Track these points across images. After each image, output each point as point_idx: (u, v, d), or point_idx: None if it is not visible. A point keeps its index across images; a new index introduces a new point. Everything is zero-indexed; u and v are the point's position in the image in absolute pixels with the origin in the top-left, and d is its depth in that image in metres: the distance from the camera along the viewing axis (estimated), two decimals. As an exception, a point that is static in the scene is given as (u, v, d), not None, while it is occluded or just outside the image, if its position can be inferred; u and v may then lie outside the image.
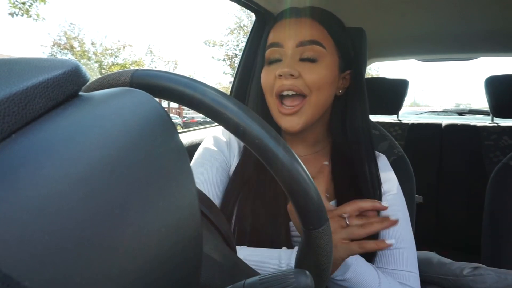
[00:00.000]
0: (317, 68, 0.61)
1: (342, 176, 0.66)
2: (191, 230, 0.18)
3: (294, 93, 0.60)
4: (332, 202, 0.65)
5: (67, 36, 15.69)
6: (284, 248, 0.57)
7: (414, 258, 0.63)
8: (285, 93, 0.60)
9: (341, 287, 0.55)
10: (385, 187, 0.67)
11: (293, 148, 0.70)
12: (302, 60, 0.61)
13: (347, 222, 0.53)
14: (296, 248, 0.55)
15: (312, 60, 0.61)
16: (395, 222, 0.52)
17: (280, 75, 0.59)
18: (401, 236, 0.63)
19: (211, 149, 0.69)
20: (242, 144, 0.70)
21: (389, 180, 0.69)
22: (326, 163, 0.68)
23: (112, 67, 15.96)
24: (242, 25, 16.33)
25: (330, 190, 0.66)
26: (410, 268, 0.62)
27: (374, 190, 0.66)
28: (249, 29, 1.33)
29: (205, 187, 0.63)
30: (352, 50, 0.67)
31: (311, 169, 0.68)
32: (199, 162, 0.66)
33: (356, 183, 0.65)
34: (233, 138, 0.71)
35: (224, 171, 0.67)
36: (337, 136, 0.69)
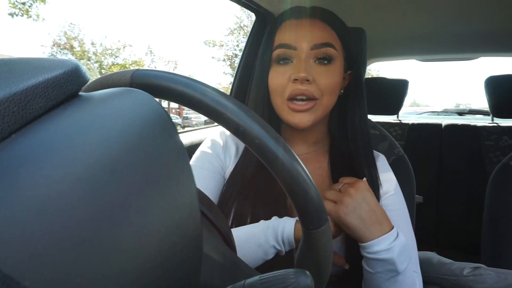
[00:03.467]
0: (330, 71, 0.61)
1: (341, 174, 0.67)
2: (191, 230, 0.18)
3: (306, 97, 0.60)
4: None
5: (67, 36, 15.70)
6: (274, 218, 0.57)
7: (416, 258, 0.63)
8: (298, 97, 0.60)
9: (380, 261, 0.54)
10: (384, 187, 0.67)
11: (293, 146, 0.70)
12: (316, 63, 0.61)
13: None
14: (285, 218, 0.56)
15: (326, 63, 0.61)
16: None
17: (296, 79, 0.59)
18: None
19: (207, 152, 0.69)
20: (240, 145, 0.70)
21: (388, 180, 0.69)
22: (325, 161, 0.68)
23: (112, 67, 15.96)
24: (242, 25, 16.33)
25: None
26: (413, 268, 0.62)
27: (373, 189, 0.66)
28: (249, 29, 1.33)
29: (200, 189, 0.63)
30: (355, 51, 0.68)
31: (311, 167, 0.68)
32: (195, 165, 0.67)
33: None
34: (230, 140, 0.71)
35: (219, 174, 0.67)
36: (337, 135, 0.69)
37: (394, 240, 0.54)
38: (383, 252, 0.53)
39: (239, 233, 0.55)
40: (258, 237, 0.55)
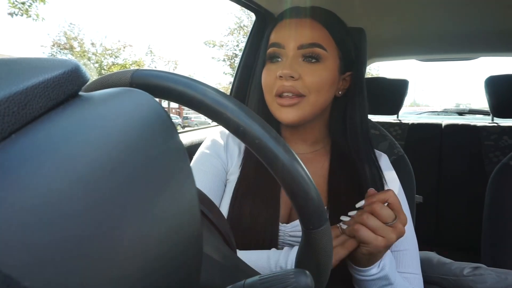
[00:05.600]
0: (317, 70, 0.61)
1: (342, 175, 0.66)
2: (191, 230, 0.18)
3: (292, 94, 0.60)
4: None
5: (67, 36, 15.70)
6: (273, 249, 0.58)
7: (417, 260, 0.63)
8: (284, 94, 0.61)
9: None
10: (387, 188, 0.67)
11: (293, 146, 0.70)
12: (304, 61, 0.61)
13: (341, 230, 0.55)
14: (285, 249, 0.56)
15: (313, 62, 0.61)
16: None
17: (281, 76, 0.59)
18: (404, 238, 0.62)
19: (208, 153, 0.68)
20: (243, 145, 0.70)
21: (391, 180, 0.68)
22: (326, 162, 0.67)
23: (112, 67, 15.96)
24: (242, 25, 16.33)
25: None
26: (414, 270, 0.62)
27: (376, 189, 0.65)
28: (249, 29, 1.33)
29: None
30: (353, 51, 0.67)
31: (311, 167, 0.68)
32: (196, 168, 0.66)
33: (357, 182, 0.65)
34: (231, 141, 0.71)
35: (221, 175, 0.67)
36: (337, 135, 0.69)
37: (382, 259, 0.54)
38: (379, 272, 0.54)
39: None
40: (258, 261, 0.55)
